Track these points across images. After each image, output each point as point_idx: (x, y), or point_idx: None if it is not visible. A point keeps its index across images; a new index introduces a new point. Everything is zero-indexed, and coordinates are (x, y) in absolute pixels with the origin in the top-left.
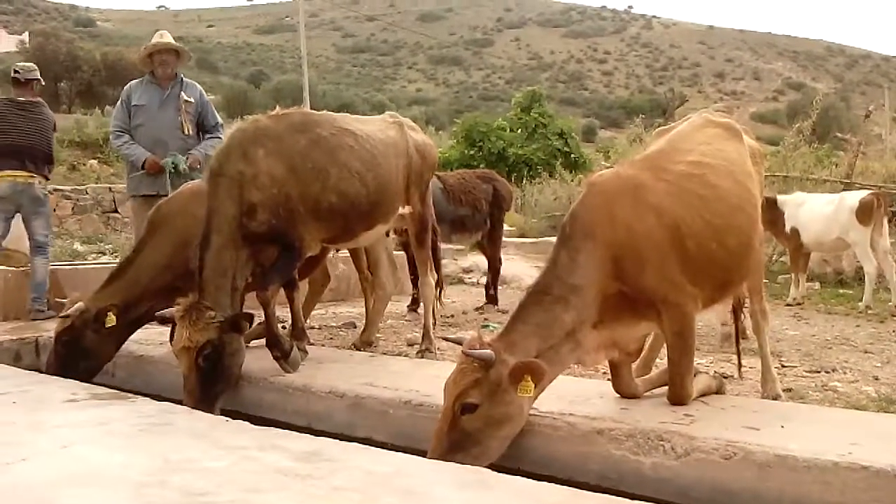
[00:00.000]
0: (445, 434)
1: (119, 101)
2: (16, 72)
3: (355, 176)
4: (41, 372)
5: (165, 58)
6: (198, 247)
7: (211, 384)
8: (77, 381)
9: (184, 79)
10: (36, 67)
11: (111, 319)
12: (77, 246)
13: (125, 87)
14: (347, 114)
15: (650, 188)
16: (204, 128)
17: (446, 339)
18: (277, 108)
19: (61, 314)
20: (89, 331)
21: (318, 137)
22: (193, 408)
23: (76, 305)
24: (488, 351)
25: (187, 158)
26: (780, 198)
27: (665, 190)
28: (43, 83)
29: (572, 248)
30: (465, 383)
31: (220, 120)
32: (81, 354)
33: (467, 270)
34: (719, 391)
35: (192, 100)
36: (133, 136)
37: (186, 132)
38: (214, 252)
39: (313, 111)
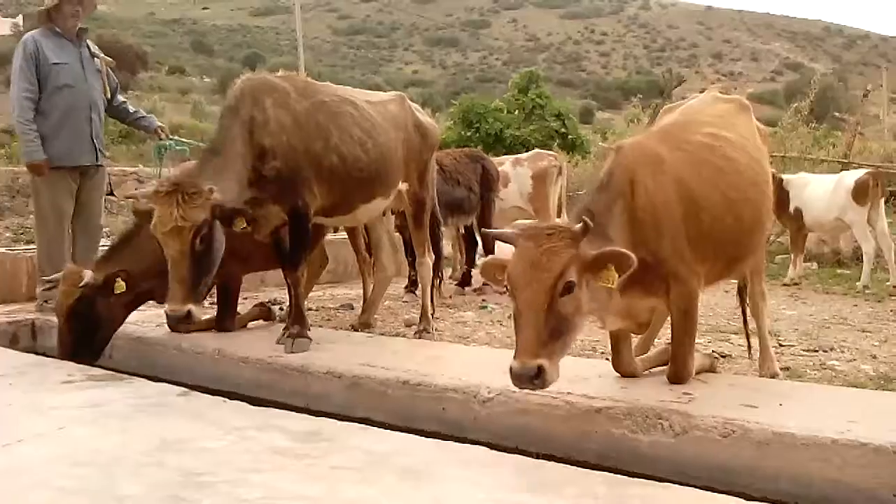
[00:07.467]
0: (543, 321)
1: (22, 58)
2: None
3: (355, 141)
4: (38, 354)
5: (78, 7)
6: (204, 151)
7: (200, 272)
8: (73, 363)
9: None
10: None
11: (120, 286)
12: None
13: (25, 40)
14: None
15: (668, 159)
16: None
17: (497, 238)
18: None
19: (58, 280)
20: (99, 298)
21: (319, 102)
22: (183, 303)
23: (85, 275)
24: (580, 224)
25: (162, 134)
26: (786, 178)
27: (683, 160)
28: None
29: (609, 199)
30: (562, 261)
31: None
32: (94, 324)
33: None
34: (712, 369)
35: (111, 59)
36: (51, 101)
37: (108, 96)
38: (223, 159)
39: (314, 80)
